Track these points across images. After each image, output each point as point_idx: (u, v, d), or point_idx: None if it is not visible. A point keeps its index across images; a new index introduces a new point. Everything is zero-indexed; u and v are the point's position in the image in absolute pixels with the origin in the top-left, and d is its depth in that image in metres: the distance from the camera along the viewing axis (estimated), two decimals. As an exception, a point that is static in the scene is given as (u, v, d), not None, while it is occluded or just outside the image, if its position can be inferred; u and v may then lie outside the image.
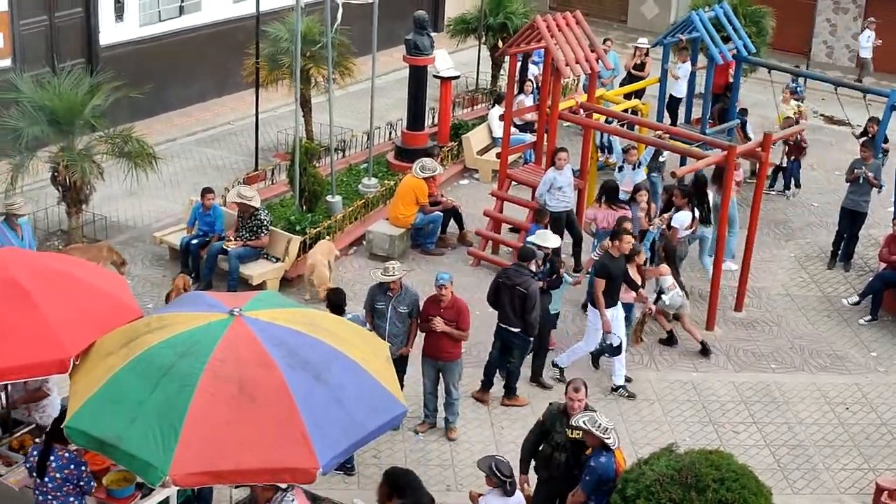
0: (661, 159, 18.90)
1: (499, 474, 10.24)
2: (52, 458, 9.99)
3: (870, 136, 19.23)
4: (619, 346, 14.43)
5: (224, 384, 8.92)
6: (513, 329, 13.95)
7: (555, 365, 14.89)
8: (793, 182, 21.09)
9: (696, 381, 15.07)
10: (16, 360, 9.84)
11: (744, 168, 19.02)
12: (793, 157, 20.80)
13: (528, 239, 15.16)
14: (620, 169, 18.47)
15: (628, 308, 15.13)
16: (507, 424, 13.91)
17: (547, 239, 14.84)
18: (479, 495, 10.67)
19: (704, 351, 15.61)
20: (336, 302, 12.97)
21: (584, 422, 10.62)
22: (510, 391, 14.38)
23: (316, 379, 9.17)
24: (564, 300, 15.70)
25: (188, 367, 8.99)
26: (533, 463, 11.45)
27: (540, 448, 11.32)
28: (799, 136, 20.17)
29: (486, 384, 14.38)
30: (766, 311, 16.97)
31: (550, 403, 11.70)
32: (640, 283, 14.86)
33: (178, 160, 21.24)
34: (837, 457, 13.71)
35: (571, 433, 11.05)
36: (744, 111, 21.71)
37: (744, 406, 14.60)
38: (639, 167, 18.17)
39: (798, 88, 22.47)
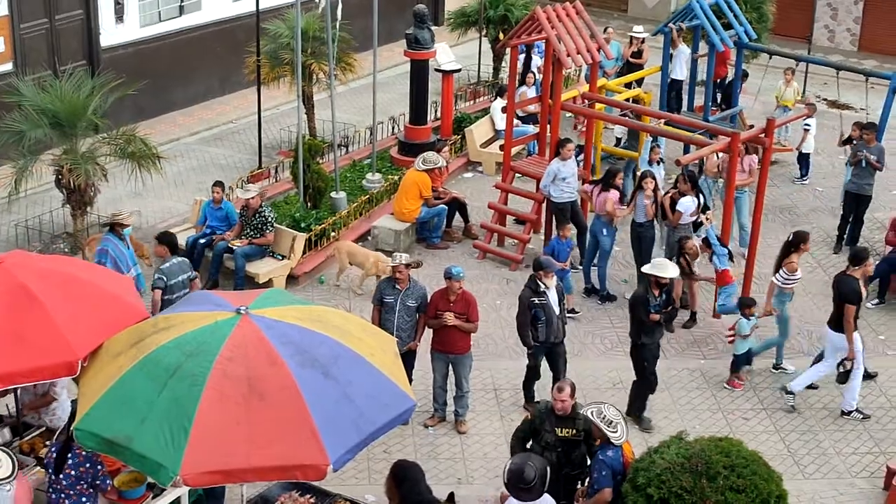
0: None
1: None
2: (69, 455, 9.99)
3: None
4: (857, 372, 13.97)
5: (233, 383, 8.93)
6: None
7: (788, 392, 14.26)
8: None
9: (705, 369, 15.05)
10: (25, 363, 9.88)
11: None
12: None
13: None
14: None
15: None
16: (517, 417, 13.84)
17: (665, 269, 13.69)
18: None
19: (692, 320, 15.93)
20: (171, 242, 14.46)
21: (591, 413, 10.61)
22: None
23: (325, 376, 9.18)
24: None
25: (196, 366, 9.00)
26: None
27: (528, 447, 11.20)
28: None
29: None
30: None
31: (538, 402, 11.67)
32: None
33: (181, 160, 21.25)
34: (848, 441, 13.69)
35: (561, 432, 11.03)
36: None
37: (753, 392, 14.59)
38: (660, 164, 18.21)
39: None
